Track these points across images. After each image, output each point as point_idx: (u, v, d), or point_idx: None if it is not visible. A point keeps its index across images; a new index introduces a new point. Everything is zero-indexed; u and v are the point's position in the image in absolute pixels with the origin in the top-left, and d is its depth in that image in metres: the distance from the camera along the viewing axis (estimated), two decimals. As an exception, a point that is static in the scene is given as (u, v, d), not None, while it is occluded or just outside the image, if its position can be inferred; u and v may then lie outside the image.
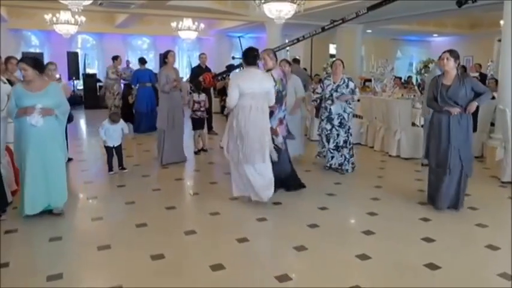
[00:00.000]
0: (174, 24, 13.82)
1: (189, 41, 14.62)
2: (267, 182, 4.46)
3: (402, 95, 7.63)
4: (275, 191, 4.55)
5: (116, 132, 5.83)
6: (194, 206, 4.76)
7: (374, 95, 8.18)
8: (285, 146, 4.97)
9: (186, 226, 3.93)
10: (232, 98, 4.36)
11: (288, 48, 8.88)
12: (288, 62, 6.52)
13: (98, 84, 15.00)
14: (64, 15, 12.06)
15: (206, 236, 3.74)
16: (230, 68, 8.31)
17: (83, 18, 12.55)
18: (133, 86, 9.61)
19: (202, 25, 14.17)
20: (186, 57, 17.43)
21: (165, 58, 6.59)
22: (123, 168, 5.93)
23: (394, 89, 8.11)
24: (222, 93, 9.76)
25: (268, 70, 4.81)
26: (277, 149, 4.69)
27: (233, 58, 6.83)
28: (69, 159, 6.53)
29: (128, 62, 15.34)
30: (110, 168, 5.84)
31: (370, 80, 9.82)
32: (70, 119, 6.86)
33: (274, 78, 4.70)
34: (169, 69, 6.46)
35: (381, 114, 7.34)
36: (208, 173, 6.14)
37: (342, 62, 6.02)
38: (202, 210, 4.46)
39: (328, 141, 5.88)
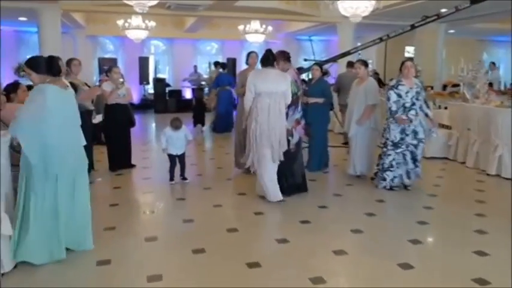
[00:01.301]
0: (241, 27, 13.44)
1: (256, 45, 14.13)
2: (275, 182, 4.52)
3: (502, 102, 6.44)
4: (290, 194, 4.69)
5: (179, 140, 5.38)
6: (257, 229, 4.10)
7: (464, 101, 7.05)
8: (300, 147, 4.90)
9: (249, 255, 3.30)
10: (247, 98, 4.47)
11: (359, 51, 7.98)
12: (364, 63, 5.68)
13: (167, 89, 15.05)
14: (135, 21, 12.12)
15: (272, 269, 3.08)
16: (299, 70, 7.63)
17: (153, 23, 12.55)
18: (213, 89, 10.05)
19: (270, 28, 13.63)
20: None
21: (247, 60, 5.97)
22: (185, 178, 5.45)
23: (488, 96, 6.92)
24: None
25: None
26: (292, 150, 4.67)
27: (305, 60, 6.22)
28: (132, 166, 6.24)
29: (195, 67, 15.29)
30: (171, 178, 5.39)
31: (458, 85, 8.62)
32: (132, 123, 6.58)
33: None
34: (248, 72, 5.78)
35: (476, 125, 6.23)
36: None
37: (414, 64, 5.15)
38: (267, 235, 3.81)
39: (415, 160, 5.00)
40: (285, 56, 4.83)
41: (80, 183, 3.23)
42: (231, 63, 14.13)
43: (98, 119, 7.66)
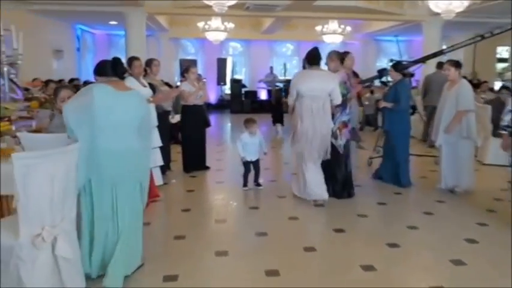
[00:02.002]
0: (319, 28, 12.84)
1: (333, 46, 13.41)
2: (320, 183, 4.33)
3: None
4: (339, 197, 4.54)
5: (254, 146, 5.01)
6: (338, 250, 3.56)
7: None
8: (347, 150, 4.64)
9: (331, 282, 2.79)
10: (290, 101, 4.40)
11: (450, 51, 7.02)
12: (455, 63, 4.83)
13: (243, 89, 14.92)
14: (214, 23, 12.06)
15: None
16: (382, 72, 6.90)
17: (232, 25, 12.41)
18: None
19: (348, 28, 12.86)
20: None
21: (342, 60, 5.26)
22: (259, 185, 5.06)
23: None
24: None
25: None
26: (336, 152, 4.47)
27: (391, 61, 5.56)
28: (207, 167, 5.99)
29: (271, 68, 14.96)
30: (245, 183, 5.02)
31: None
32: (207, 123, 6.34)
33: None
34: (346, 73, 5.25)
35: None
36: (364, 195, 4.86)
37: None
38: (351, 259, 3.26)
39: None
40: (339, 56, 4.62)
41: (127, 194, 2.81)
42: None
43: (176, 118, 7.60)
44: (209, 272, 2.98)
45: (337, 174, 4.58)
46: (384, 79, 7.28)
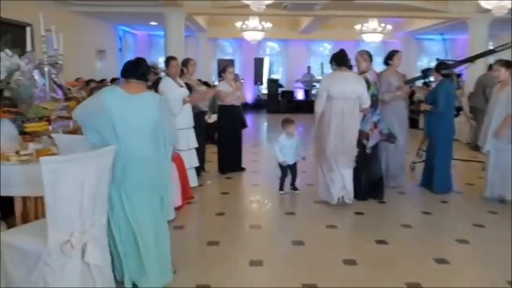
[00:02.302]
0: (358, 27, 12.39)
1: (373, 45, 12.92)
2: (347, 187, 4.22)
3: None
4: (365, 199, 4.39)
5: (291, 148, 4.75)
6: (379, 262, 3.26)
7: None
8: (376, 151, 4.47)
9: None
10: (319, 103, 4.20)
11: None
12: (506, 63, 4.38)
13: (279, 89, 14.69)
14: (252, 22, 11.89)
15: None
16: (426, 72, 6.47)
17: (269, 25, 12.20)
18: None
19: (389, 26, 12.32)
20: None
21: (388, 59, 4.96)
22: (295, 189, 4.82)
23: None
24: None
25: (362, 73, 4.39)
26: (366, 154, 4.34)
27: (437, 60, 5.16)
28: (242, 169, 5.82)
29: (309, 68, 14.63)
30: (281, 187, 4.80)
31: None
32: (244, 124, 6.16)
33: (368, 81, 4.30)
34: (392, 73, 4.89)
35: None
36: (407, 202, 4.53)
37: None
38: (397, 275, 2.96)
39: None
40: (368, 57, 4.48)
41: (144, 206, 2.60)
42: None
43: (212, 118, 7.49)
44: (243, 283, 2.78)
45: (363, 175, 4.40)
46: (427, 79, 6.83)
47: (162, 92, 4.67)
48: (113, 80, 9.69)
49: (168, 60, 4.90)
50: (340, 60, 4.23)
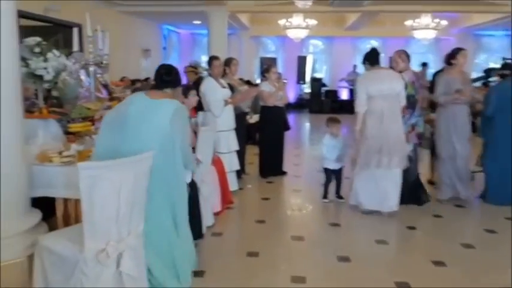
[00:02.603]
0: (409, 23, 11.79)
1: (425, 42, 12.29)
2: (391, 192, 4.02)
3: None
4: (404, 203, 4.16)
5: (336, 149, 4.46)
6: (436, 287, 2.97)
7: None
8: (415, 155, 4.34)
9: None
10: (360, 103, 4.08)
11: None
12: None
13: (323, 88, 14.36)
14: (296, 20, 11.65)
15: None
16: (489, 72, 5.98)
17: (314, 22, 11.91)
18: None
19: (443, 22, 11.63)
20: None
21: (451, 58, 4.48)
22: (340, 197, 4.56)
23: None
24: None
25: (399, 72, 4.23)
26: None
27: (503, 59, 4.72)
28: (284, 173, 5.64)
29: (355, 67, 14.17)
30: (325, 195, 4.58)
31: None
32: (287, 126, 5.97)
33: (405, 81, 4.14)
34: (453, 73, 4.46)
35: None
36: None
37: None
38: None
39: None
40: (406, 56, 4.34)
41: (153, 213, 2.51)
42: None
43: (254, 118, 7.37)
44: (283, 301, 2.62)
45: (410, 180, 4.23)
46: (488, 80, 6.32)
47: (204, 93, 4.60)
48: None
49: (211, 60, 4.82)
50: (373, 59, 4.17)
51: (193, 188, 3.27)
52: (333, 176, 4.56)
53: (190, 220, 3.17)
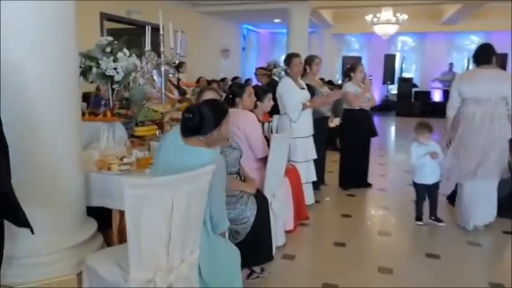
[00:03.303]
0: (520, 15, 10.24)
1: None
2: (487, 204, 3.63)
3: None
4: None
5: (427, 159, 3.73)
6: None
7: None
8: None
9: None
10: (450, 105, 3.78)
11: None
12: None
13: (413, 89, 13.19)
14: (385, 15, 10.79)
15: None
16: None
17: (405, 16, 10.92)
18: None
19: None
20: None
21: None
22: (438, 220, 3.84)
23: None
24: None
25: None
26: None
27: None
28: (368, 185, 5.02)
29: (451, 65, 12.81)
30: (418, 216, 3.89)
31: None
32: (373, 132, 5.31)
33: None
34: None
35: None
36: None
37: None
38: None
39: None
40: None
41: None
42: (500, 60, 11.04)
43: (335, 122, 6.80)
44: None
45: (499, 189, 3.73)
46: None
47: (281, 94, 4.19)
48: (235, 79, 9.67)
49: (290, 57, 4.34)
50: (480, 56, 3.66)
51: (262, 203, 2.86)
52: (426, 192, 3.86)
53: (257, 240, 2.79)
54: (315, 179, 4.33)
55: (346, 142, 5.09)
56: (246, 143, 3.14)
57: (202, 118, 2.09)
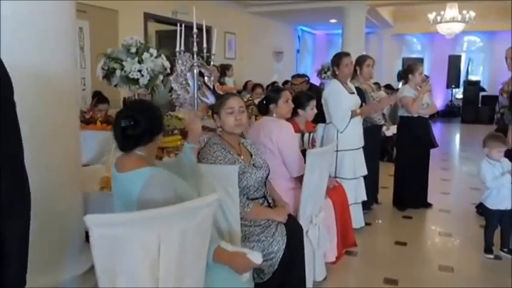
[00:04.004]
0: None
1: None
2: None
3: None
4: None
5: (504, 180, 3.01)
6: None
7: None
8: None
9: None
10: None
11: None
12: None
13: (480, 94, 11.88)
14: (450, 12, 9.74)
15: None
16: None
17: (472, 14, 9.80)
18: None
19: None
20: None
21: None
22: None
23: None
24: None
25: None
26: None
27: None
28: (428, 205, 4.27)
29: (523, 67, 11.33)
30: (488, 248, 3.14)
31: None
32: (433, 143, 4.52)
33: None
34: None
35: None
36: None
37: None
38: None
39: None
40: None
41: None
42: None
43: (391, 130, 6.08)
44: None
45: None
46: None
47: (327, 99, 3.60)
48: (272, 84, 8.95)
49: (339, 56, 3.66)
50: None
51: (295, 233, 2.31)
52: (499, 218, 3.09)
53: (287, 280, 2.25)
54: (365, 198, 3.67)
55: (401, 154, 4.38)
56: (280, 159, 2.61)
57: (147, 121, 1.60)
